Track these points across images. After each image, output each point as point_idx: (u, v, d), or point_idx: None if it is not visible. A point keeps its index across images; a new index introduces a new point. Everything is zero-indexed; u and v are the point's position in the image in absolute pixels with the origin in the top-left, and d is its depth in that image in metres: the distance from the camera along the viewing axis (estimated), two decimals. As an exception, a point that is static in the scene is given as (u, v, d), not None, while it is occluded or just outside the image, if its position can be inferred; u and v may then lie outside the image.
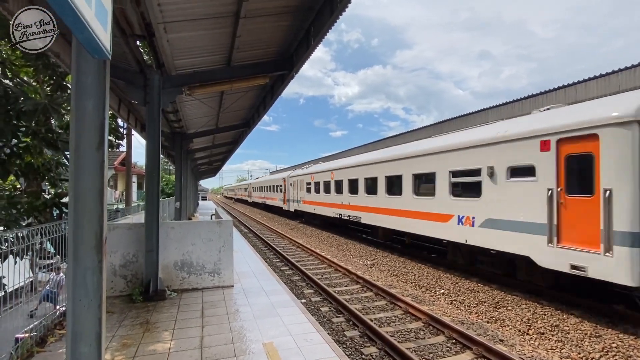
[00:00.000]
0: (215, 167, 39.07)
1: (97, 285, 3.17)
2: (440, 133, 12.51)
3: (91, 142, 3.17)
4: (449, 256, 10.50)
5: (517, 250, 7.53)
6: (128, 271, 7.44)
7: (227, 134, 17.52)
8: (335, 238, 18.72)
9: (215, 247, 7.79)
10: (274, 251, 15.33)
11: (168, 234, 7.61)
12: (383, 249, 15.59)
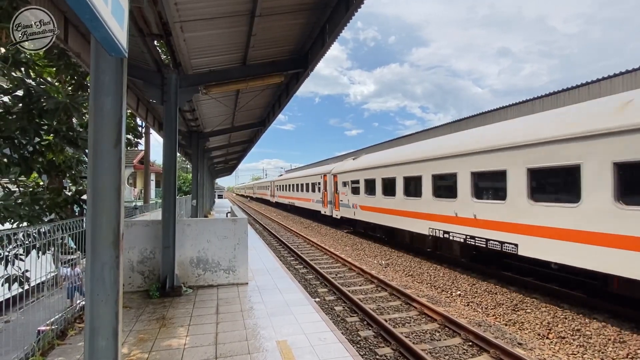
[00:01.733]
0: (231, 166, 39.27)
1: (114, 280, 3.23)
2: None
3: (109, 140, 3.22)
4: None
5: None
6: (145, 267, 7.58)
7: (243, 133, 17.63)
8: (350, 237, 18.65)
9: (230, 244, 7.86)
10: (288, 249, 15.38)
11: (184, 231, 7.71)
12: (398, 249, 15.46)
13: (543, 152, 7.11)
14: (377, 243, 17.03)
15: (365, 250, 15.28)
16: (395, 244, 16.43)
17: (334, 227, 22.84)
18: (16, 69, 5.74)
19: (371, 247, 15.94)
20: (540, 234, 7.25)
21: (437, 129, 19.52)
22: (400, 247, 15.77)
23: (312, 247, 16.21)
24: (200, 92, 8.04)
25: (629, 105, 6.01)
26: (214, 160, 27.28)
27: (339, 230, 21.61)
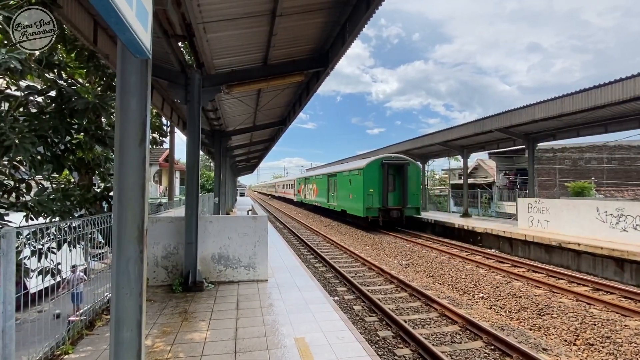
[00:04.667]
0: (253, 164, 39.80)
1: (138, 274, 3.34)
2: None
3: (134, 138, 3.33)
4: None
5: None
6: (169, 262, 7.79)
7: (264, 132, 17.79)
8: (369, 237, 18.49)
9: (251, 241, 7.97)
10: (307, 247, 15.41)
11: (206, 227, 7.88)
12: (420, 248, 15.23)
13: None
14: (398, 242, 16.82)
15: (385, 249, 15.12)
16: (415, 244, 16.18)
17: (354, 226, 22.65)
18: (49, 70, 6.01)
19: (391, 246, 15.76)
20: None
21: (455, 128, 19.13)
22: (422, 246, 15.52)
23: (332, 245, 16.17)
24: (222, 92, 8.18)
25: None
26: (236, 158, 27.59)
27: (359, 229, 21.24)
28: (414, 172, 22.25)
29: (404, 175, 21.68)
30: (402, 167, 21.88)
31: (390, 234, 19.38)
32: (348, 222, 23.55)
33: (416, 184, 22.21)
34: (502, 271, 10.98)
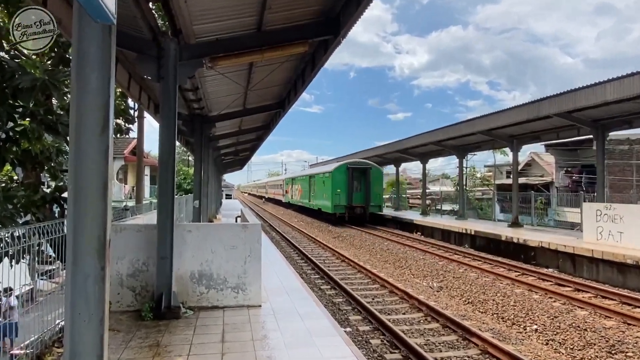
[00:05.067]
0: (243, 158, 39.61)
1: (99, 296, 3.37)
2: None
3: (94, 125, 3.36)
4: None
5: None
6: (137, 282, 7.87)
7: (257, 117, 17.85)
8: (392, 252, 18.54)
9: (240, 256, 8.02)
10: (312, 264, 15.46)
11: (184, 238, 7.93)
12: (456, 266, 15.21)
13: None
14: (428, 259, 16.82)
15: (411, 268, 15.14)
16: (450, 260, 16.16)
17: (371, 235, 22.97)
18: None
19: (419, 264, 15.79)
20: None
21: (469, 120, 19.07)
22: (459, 264, 15.50)
23: (343, 262, 16.24)
24: (204, 66, 8.23)
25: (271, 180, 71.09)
26: (222, 151, 27.44)
27: (377, 239, 21.91)
28: (377, 175, 32.13)
29: (367, 178, 31.47)
30: (365, 171, 31.64)
31: (417, 248, 19.41)
32: (369, 233, 25.80)
33: (379, 185, 32.26)
34: (562, 296, 10.93)
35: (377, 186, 31.68)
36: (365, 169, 31.52)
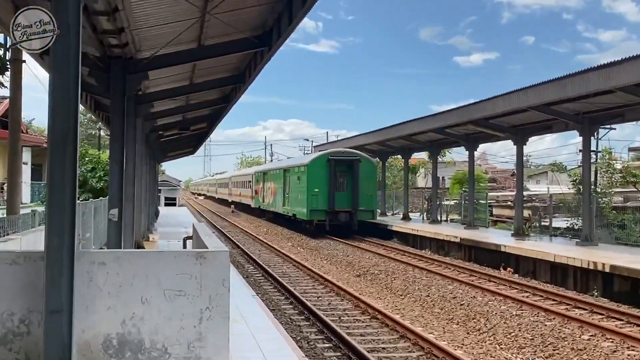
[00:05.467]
0: (198, 135, 25.18)
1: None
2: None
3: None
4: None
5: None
6: (9, 353, 4.64)
7: (222, 62, 11.90)
8: (462, 303, 11.25)
9: (192, 310, 4.76)
10: (314, 318, 9.84)
11: (94, 277, 4.65)
12: (576, 329, 9.29)
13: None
14: (527, 315, 10.34)
15: (496, 332, 9.14)
16: (567, 319, 10.66)
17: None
18: None
19: (510, 324, 9.61)
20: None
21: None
22: (578, 326, 9.42)
23: (364, 313, 10.42)
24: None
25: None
26: (159, 121, 17.59)
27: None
28: (368, 169, 24.54)
29: (355, 174, 23.88)
30: (352, 164, 24.09)
31: (510, 298, 11.67)
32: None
33: (370, 183, 24.62)
34: None
35: (368, 185, 24.53)
36: (353, 161, 24.20)
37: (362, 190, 24.17)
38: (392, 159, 39.27)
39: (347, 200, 23.89)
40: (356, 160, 24.32)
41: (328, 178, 23.88)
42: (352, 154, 25.12)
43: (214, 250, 5.05)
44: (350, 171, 24.23)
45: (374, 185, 25.61)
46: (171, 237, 18.05)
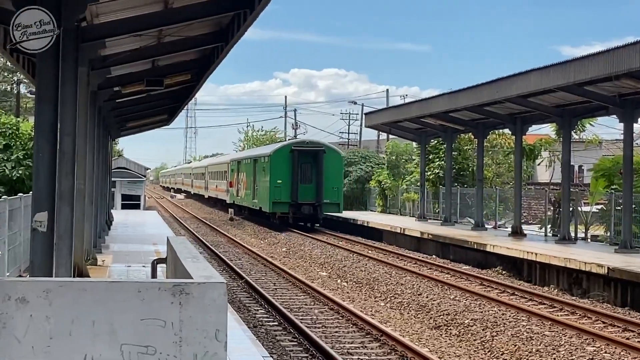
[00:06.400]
0: (177, 93, 17.46)
1: None
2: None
3: None
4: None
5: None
6: None
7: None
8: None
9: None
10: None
11: (8, 322, 3.05)
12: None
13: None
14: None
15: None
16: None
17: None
18: None
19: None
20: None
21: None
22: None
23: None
24: None
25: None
26: (114, 72, 12.38)
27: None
28: (333, 161, 24.25)
29: (320, 165, 23.70)
30: (317, 155, 23.90)
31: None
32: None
33: (336, 175, 24.43)
34: None
35: (334, 176, 24.31)
36: (317, 152, 24.18)
37: (327, 183, 23.99)
38: (496, 135, 25.96)
39: (312, 193, 23.66)
40: (321, 151, 24.42)
41: (292, 169, 23.70)
42: (317, 144, 25.35)
43: (202, 282, 3.23)
44: (315, 162, 23.98)
45: (340, 177, 25.53)
46: (132, 260, 12.87)
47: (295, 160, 23.89)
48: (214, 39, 11.75)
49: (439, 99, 20.53)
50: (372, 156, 38.22)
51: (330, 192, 23.92)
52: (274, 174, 23.96)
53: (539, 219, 21.97)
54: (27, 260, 9.25)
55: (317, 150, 24.40)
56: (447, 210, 22.85)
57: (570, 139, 17.97)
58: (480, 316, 10.37)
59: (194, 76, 15.28)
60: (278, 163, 24.17)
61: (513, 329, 9.45)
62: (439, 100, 20.39)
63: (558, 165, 23.47)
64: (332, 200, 24.00)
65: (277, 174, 23.92)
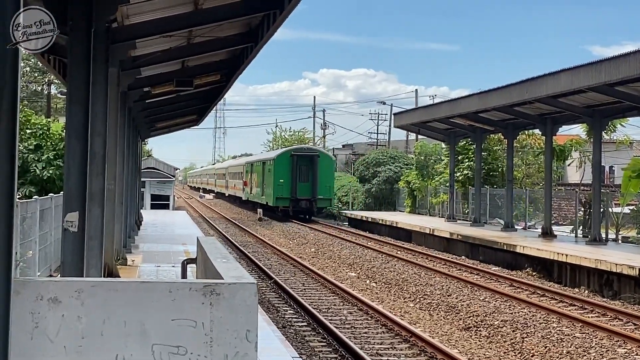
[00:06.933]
0: (207, 93, 17.50)
1: None
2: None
3: None
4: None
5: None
6: None
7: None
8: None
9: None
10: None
11: (41, 322, 3.03)
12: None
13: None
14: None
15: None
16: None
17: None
18: None
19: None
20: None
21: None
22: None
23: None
24: None
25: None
26: (144, 73, 12.34)
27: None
28: (326, 163, 29.21)
29: (315, 167, 28.51)
30: (312, 159, 28.79)
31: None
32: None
33: (329, 175, 29.32)
34: None
35: (326, 177, 29.39)
36: (313, 157, 29.36)
37: (321, 182, 28.81)
38: (526, 136, 25.40)
39: (308, 190, 28.48)
40: (316, 155, 29.50)
41: (291, 171, 28.60)
42: (312, 150, 31.54)
43: (233, 282, 3.18)
44: (311, 165, 28.75)
45: (332, 177, 30.53)
46: (162, 260, 12.78)
47: (295, 163, 28.88)
48: (243, 39, 11.68)
49: (468, 99, 20.34)
50: (401, 156, 37.90)
51: (323, 190, 28.84)
52: (277, 175, 28.85)
53: (569, 220, 21.68)
54: (57, 260, 9.20)
55: (313, 155, 29.65)
56: (476, 211, 22.66)
57: (600, 139, 17.77)
58: (510, 317, 10.30)
59: (224, 76, 15.25)
60: (280, 165, 29.06)
61: (543, 331, 9.37)
62: (468, 100, 20.21)
63: (588, 166, 23.40)
64: (325, 197, 29.08)
65: (279, 175, 28.80)
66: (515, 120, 19.86)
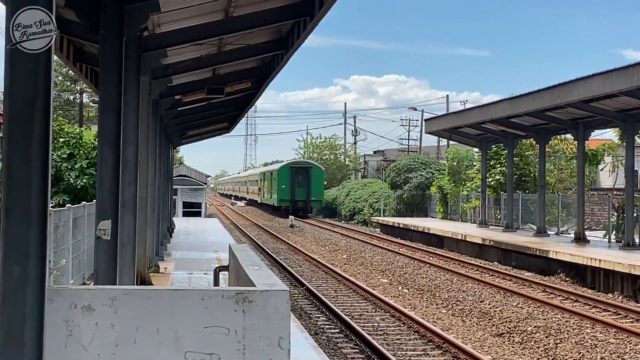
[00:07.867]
0: (238, 100, 17.57)
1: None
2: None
3: None
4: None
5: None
6: None
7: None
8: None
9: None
10: None
11: (75, 330, 3.04)
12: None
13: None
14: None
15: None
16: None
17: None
18: None
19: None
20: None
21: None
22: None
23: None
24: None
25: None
26: (175, 81, 12.41)
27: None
28: (318, 173, 40.66)
29: (309, 176, 39.65)
30: (307, 170, 40.17)
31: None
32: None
33: (319, 182, 40.68)
34: None
35: (318, 183, 40.29)
36: (307, 168, 40.40)
37: (313, 187, 39.59)
38: (558, 140, 24.92)
39: (304, 193, 39.09)
40: (309, 167, 40.67)
41: (290, 179, 38.98)
42: (307, 163, 42.09)
43: (265, 290, 3.16)
44: (306, 174, 39.54)
45: (322, 184, 41.30)
46: (194, 267, 12.82)
47: (293, 173, 39.47)
48: (274, 46, 11.61)
49: (499, 104, 20.14)
50: (432, 162, 37.65)
51: (316, 193, 39.82)
52: (280, 182, 39.37)
53: (602, 225, 21.25)
54: (90, 268, 9.14)
55: (307, 167, 40.61)
56: (508, 216, 22.42)
57: (633, 143, 17.45)
58: (543, 323, 10.13)
59: (254, 84, 15.15)
60: (283, 175, 39.59)
61: (577, 337, 9.24)
62: (499, 105, 20.01)
63: (621, 171, 23.01)
64: (316, 198, 39.96)
65: (282, 182, 39.26)
66: (547, 125, 19.65)
